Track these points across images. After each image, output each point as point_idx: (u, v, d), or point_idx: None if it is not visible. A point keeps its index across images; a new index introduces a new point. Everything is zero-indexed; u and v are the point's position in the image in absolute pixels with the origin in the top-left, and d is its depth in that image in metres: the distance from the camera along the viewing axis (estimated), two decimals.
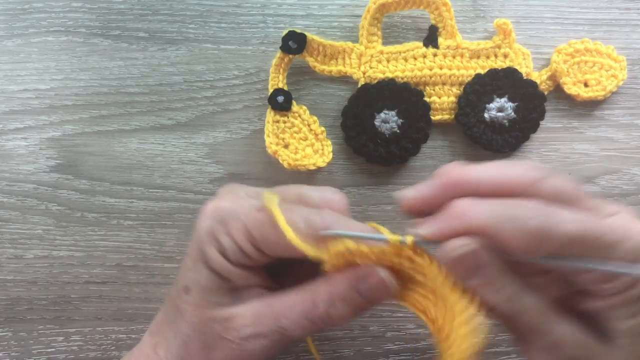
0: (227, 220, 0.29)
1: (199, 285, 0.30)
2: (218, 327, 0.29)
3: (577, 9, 0.44)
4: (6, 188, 0.43)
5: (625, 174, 0.44)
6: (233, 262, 0.29)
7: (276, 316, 0.29)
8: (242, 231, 0.29)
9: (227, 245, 0.29)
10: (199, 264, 0.30)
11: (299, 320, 0.29)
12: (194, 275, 0.30)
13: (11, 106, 0.43)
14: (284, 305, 0.29)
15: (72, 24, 0.43)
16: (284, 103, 0.42)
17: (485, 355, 0.45)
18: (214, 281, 0.30)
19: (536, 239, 0.25)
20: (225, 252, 0.29)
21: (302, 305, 0.29)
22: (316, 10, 0.44)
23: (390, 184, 0.44)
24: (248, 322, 0.29)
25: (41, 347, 0.44)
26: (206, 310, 0.30)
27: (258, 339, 0.29)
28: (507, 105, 0.42)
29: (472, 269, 0.26)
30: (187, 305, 0.30)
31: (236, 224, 0.29)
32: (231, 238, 0.29)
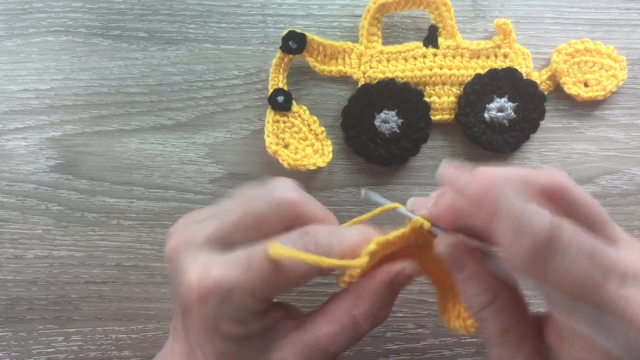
0: (230, 299, 0.26)
1: (231, 352, 0.28)
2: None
3: (577, 9, 0.44)
4: (6, 188, 0.43)
5: (625, 174, 0.44)
6: (251, 322, 0.28)
7: (324, 349, 0.28)
8: (249, 297, 0.27)
9: (241, 316, 0.27)
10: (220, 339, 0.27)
11: (346, 343, 0.29)
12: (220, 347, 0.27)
13: (11, 106, 0.43)
14: (328, 339, 0.28)
15: (72, 24, 0.43)
16: (284, 103, 0.42)
17: (485, 355, 0.45)
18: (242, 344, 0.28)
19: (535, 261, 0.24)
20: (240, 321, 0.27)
21: (346, 332, 0.29)
22: (316, 10, 0.44)
23: (390, 184, 0.44)
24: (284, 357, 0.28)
25: (41, 347, 0.44)
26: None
27: None
28: (507, 105, 0.42)
29: (457, 266, 0.28)
30: None
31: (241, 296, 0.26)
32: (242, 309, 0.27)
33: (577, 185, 0.26)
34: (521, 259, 0.23)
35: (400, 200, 0.44)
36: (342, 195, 0.44)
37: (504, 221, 0.23)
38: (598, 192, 0.44)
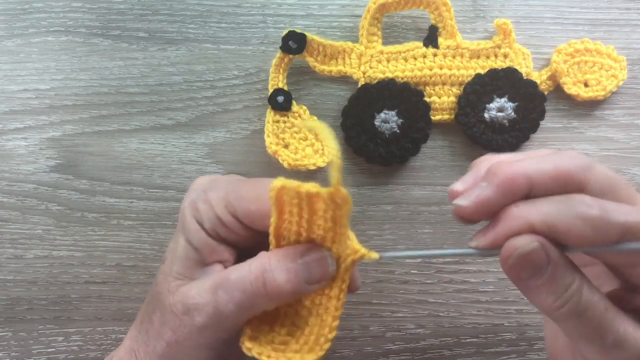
0: (209, 190, 0.29)
1: (173, 254, 0.30)
2: (171, 299, 0.28)
3: (577, 9, 0.44)
4: (6, 188, 0.43)
5: (625, 174, 0.44)
6: (209, 233, 0.29)
7: (214, 287, 0.27)
8: (221, 199, 0.29)
9: (204, 214, 0.29)
10: (178, 233, 0.30)
11: (231, 289, 0.27)
12: (173, 245, 0.30)
13: (11, 106, 0.43)
14: (222, 275, 0.28)
15: (72, 24, 0.43)
16: (284, 103, 0.42)
17: (485, 355, 0.45)
18: (186, 252, 0.29)
19: (595, 229, 0.24)
20: (202, 221, 0.29)
21: (236, 273, 0.27)
22: (316, 10, 0.44)
23: (390, 184, 0.44)
24: (191, 295, 0.28)
25: (41, 347, 0.44)
26: (172, 280, 0.29)
27: (194, 314, 0.27)
28: (507, 105, 0.42)
29: (535, 267, 0.25)
30: (159, 275, 0.30)
31: (216, 193, 0.29)
32: (209, 206, 0.29)
33: (596, 164, 0.26)
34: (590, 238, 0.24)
35: (401, 200, 0.44)
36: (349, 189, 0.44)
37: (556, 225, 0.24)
38: None
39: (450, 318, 0.44)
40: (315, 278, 0.27)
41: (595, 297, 0.25)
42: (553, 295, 0.25)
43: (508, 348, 0.44)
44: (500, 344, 0.44)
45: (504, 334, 0.44)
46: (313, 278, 0.27)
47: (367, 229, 0.44)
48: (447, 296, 0.44)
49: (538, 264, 0.24)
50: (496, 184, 0.25)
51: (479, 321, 0.44)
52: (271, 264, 0.27)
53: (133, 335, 0.31)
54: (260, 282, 0.27)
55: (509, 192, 0.25)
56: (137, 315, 0.32)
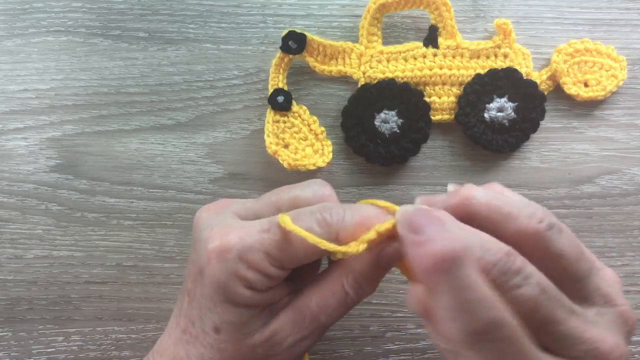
0: (245, 256, 0.28)
1: (230, 323, 0.29)
2: (261, 350, 0.30)
3: (577, 9, 0.44)
4: (6, 188, 0.43)
5: (625, 174, 0.44)
6: (261, 290, 0.29)
7: (314, 317, 0.30)
8: (264, 259, 0.28)
9: (253, 278, 0.28)
10: (224, 304, 0.29)
11: (335, 311, 0.30)
12: (222, 316, 0.29)
13: (11, 106, 0.43)
14: (318, 305, 0.30)
15: (72, 24, 0.43)
16: (284, 103, 0.42)
17: None
18: (245, 314, 0.29)
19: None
20: (252, 285, 0.29)
21: (335, 298, 0.30)
22: (316, 10, 0.44)
23: (390, 184, 0.44)
24: (289, 332, 0.30)
25: (41, 347, 0.44)
26: (245, 341, 0.29)
27: (303, 342, 0.30)
28: (507, 105, 0.42)
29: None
30: (224, 344, 0.30)
31: (256, 255, 0.28)
32: (255, 270, 0.28)
33: (563, 232, 0.26)
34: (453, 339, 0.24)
35: (400, 200, 0.44)
36: (342, 195, 0.44)
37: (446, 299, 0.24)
38: (598, 192, 0.44)
39: None
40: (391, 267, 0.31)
41: None
42: None
43: None
44: None
45: None
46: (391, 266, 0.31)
47: None
48: None
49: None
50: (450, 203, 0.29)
51: None
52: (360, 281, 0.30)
53: None
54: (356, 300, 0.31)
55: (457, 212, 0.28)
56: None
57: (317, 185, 0.32)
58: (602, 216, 0.44)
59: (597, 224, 0.44)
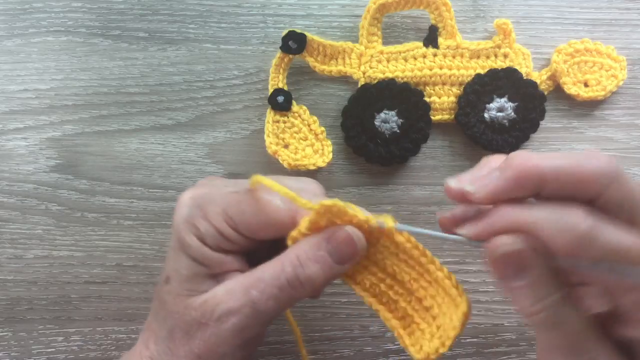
0: (205, 206, 0.29)
1: (178, 273, 0.30)
2: (195, 313, 0.29)
3: (577, 9, 0.44)
4: (6, 188, 0.43)
5: None
6: (212, 247, 0.29)
7: (246, 288, 0.29)
8: (221, 214, 0.29)
9: (205, 230, 0.29)
10: (178, 252, 0.30)
11: (268, 288, 0.28)
12: (174, 264, 0.30)
13: (11, 106, 0.43)
14: (253, 277, 0.29)
15: (72, 24, 0.43)
16: (284, 103, 0.42)
17: (485, 355, 0.45)
18: (193, 268, 0.29)
19: (580, 244, 0.23)
20: (203, 237, 0.29)
21: (269, 272, 0.29)
22: (316, 10, 0.44)
23: (390, 184, 0.44)
24: (220, 300, 0.29)
25: (41, 347, 0.44)
26: (185, 298, 0.29)
27: (231, 317, 0.28)
28: (507, 105, 0.42)
29: (519, 268, 0.25)
30: (168, 295, 0.30)
31: (214, 208, 0.29)
32: (209, 222, 0.29)
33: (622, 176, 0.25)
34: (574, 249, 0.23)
35: (400, 200, 0.44)
36: (342, 195, 0.44)
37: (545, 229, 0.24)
38: None
39: None
40: (347, 257, 0.29)
41: (573, 314, 0.25)
42: (530, 299, 0.25)
43: (508, 348, 0.44)
44: (500, 344, 0.44)
45: (504, 334, 0.44)
46: (344, 258, 0.29)
47: None
48: None
49: (521, 266, 0.25)
50: (507, 176, 0.25)
51: (479, 321, 0.44)
52: (300, 258, 0.28)
53: (148, 355, 0.31)
54: (293, 277, 0.28)
55: (519, 186, 0.25)
56: (144, 339, 0.32)
57: (305, 181, 0.32)
58: None
59: None
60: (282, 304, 0.29)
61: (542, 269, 0.25)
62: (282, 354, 0.44)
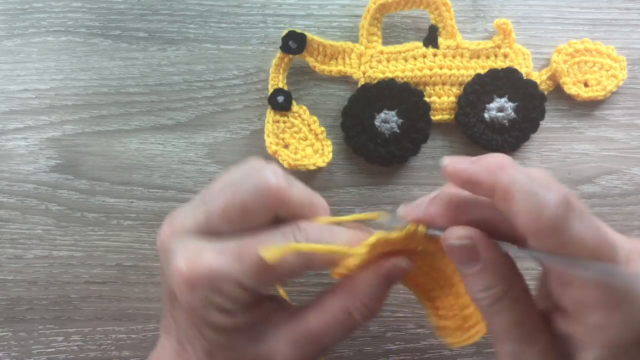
0: (218, 288, 0.26)
1: (221, 346, 0.28)
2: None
3: (577, 9, 0.44)
4: (6, 188, 0.43)
5: (625, 174, 0.44)
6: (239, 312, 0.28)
7: (317, 340, 0.29)
8: (237, 287, 0.27)
9: (228, 305, 0.27)
10: (208, 331, 0.28)
11: (339, 335, 0.29)
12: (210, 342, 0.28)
13: (11, 106, 0.43)
14: (322, 330, 0.29)
15: (72, 24, 0.43)
16: (284, 103, 0.42)
17: (485, 355, 0.45)
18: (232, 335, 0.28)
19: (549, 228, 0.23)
20: (228, 311, 0.27)
21: (339, 322, 0.29)
22: (316, 10, 0.44)
23: (390, 184, 0.44)
24: (289, 354, 0.29)
25: (41, 347, 0.44)
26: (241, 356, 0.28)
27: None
28: (507, 105, 0.42)
29: (471, 257, 0.27)
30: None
31: (229, 285, 0.26)
32: (229, 299, 0.27)
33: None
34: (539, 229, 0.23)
35: (401, 200, 0.44)
36: (342, 195, 0.44)
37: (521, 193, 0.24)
38: (598, 192, 0.44)
39: None
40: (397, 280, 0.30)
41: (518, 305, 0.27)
42: (477, 286, 0.27)
43: None
44: None
45: None
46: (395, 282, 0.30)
47: None
48: None
49: (472, 254, 0.26)
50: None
51: None
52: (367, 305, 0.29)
53: None
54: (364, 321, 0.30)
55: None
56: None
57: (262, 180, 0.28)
58: (602, 216, 0.44)
59: None
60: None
61: (487, 261, 0.26)
62: None
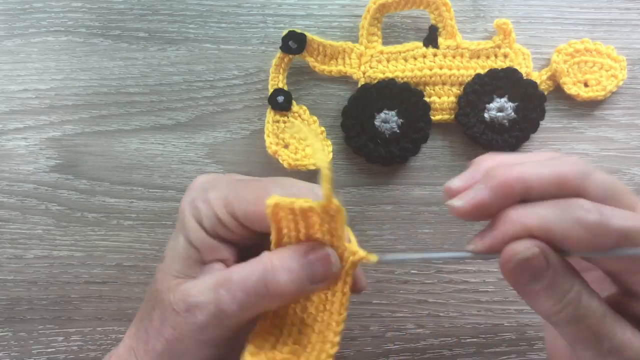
0: (208, 189, 0.29)
1: (172, 252, 0.30)
2: (172, 297, 0.28)
3: (577, 9, 0.44)
4: (6, 188, 0.43)
5: (625, 174, 0.44)
6: (208, 232, 0.29)
7: (216, 286, 0.27)
8: (221, 199, 0.29)
9: (203, 212, 0.29)
10: (178, 232, 0.30)
11: (234, 290, 0.27)
12: (172, 243, 0.30)
13: (11, 106, 0.43)
14: (225, 275, 0.27)
15: (72, 24, 0.43)
16: (284, 103, 0.42)
17: (485, 355, 0.45)
18: (185, 250, 0.29)
19: (593, 234, 0.24)
20: (201, 220, 0.29)
21: (239, 274, 0.27)
22: (316, 10, 0.44)
23: (390, 184, 0.44)
24: (192, 293, 0.27)
25: (41, 347, 0.44)
26: (172, 278, 0.29)
27: (197, 311, 0.27)
28: (507, 105, 0.42)
29: (535, 272, 0.25)
30: (158, 273, 0.30)
31: (216, 192, 0.29)
32: (209, 206, 0.29)
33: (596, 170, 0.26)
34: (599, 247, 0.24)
35: (400, 200, 0.44)
36: (342, 196, 0.44)
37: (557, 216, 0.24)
38: None
39: (450, 318, 0.44)
40: (319, 277, 0.27)
41: (593, 303, 0.25)
42: (552, 300, 0.25)
43: (508, 348, 0.44)
44: (500, 344, 0.44)
45: (504, 334, 0.44)
46: (316, 277, 0.27)
47: (367, 229, 0.44)
48: (447, 296, 0.44)
49: (537, 269, 0.24)
50: (492, 186, 0.25)
51: (479, 321, 0.44)
52: (273, 264, 0.27)
53: (132, 333, 0.31)
54: (262, 283, 0.26)
55: (504, 196, 0.25)
56: (137, 313, 0.32)
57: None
58: None
59: None
60: (246, 310, 0.27)
61: (557, 267, 0.25)
62: None
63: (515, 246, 0.24)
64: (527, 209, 0.25)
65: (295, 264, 0.27)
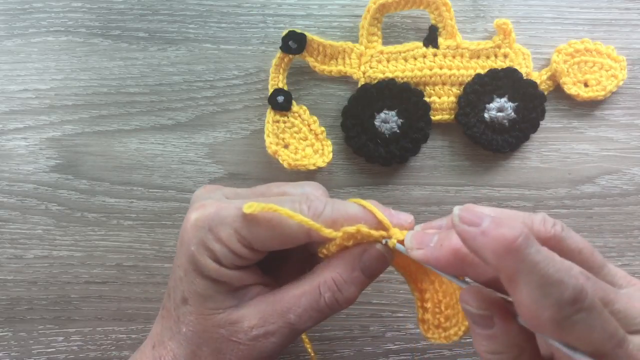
0: (215, 228, 0.29)
1: (196, 294, 0.30)
2: (224, 332, 0.30)
3: (577, 9, 0.44)
4: (6, 188, 0.43)
5: (625, 174, 0.44)
6: (228, 267, 0.30)
7: (283, 313, 0.30)
8: (233, 235, 0.29)
9: (219, 251, 0.29)
10: (193, 273, 0.30)
11: (306, 312, 0.30)
12: (189, 285, 0.30)
13: (11, 106, 0.43)
14: (289, 301, 0.30)
15: (72, 24, 0.43)
16: (284, 103, 0.42)
17: None
18: (211, 288, 0.30)
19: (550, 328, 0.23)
20: (219, 259, 0.29)
21: (307, 298, 0.30)
22: (316, 10, 0.44)
23: (390, 184, 0.44)
24: (255, 323, 0.30)
25: (41, 347, 0.44)
26: (209, 317, 0.30)
27: (267, 337, 0.30)
28: (507, 105, 0.42)
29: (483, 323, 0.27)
30: (189, 316, 0.30)
31: (226, 230, 0.29)
32: (222, 244, 0.29)
33: (572, 231, 0.27)
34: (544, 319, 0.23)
35: (400, 200, 0.44)
36: (342, 195, 0.44)
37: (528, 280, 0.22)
38: (598, 192, 0.44)
39: None
40: (379, 272, 0.30)
41: None
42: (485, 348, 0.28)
43: None
44: None
45: None
46: (377, 273, 0.31)
47: None
48: None
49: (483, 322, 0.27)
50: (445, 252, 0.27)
51: None
52: (337, 282, 0.30)
53: None
54: (334, 302, 0.30)
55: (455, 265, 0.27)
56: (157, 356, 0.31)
57: (309, 187, 0.32)
58: (602, 216, 0.44)
59: (597, 224, 0.44)
60: (317, 322, 0.31)
61: (507, 330, 0.26)
62: (282, 354, 0.44)
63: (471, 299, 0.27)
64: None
65: (356, 273, 0.30)
